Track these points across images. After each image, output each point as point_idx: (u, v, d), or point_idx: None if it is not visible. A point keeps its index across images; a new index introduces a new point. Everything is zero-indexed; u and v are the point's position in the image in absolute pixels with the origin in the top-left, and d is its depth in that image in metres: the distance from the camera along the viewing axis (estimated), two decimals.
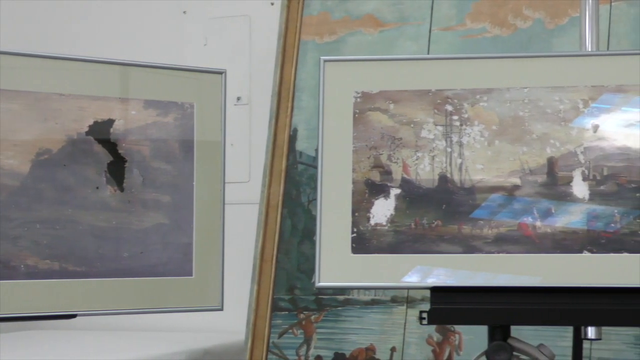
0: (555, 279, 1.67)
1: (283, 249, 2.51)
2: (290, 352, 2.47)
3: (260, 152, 2.62)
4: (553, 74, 1.72)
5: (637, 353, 2.22)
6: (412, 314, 2.38)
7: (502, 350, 1.68)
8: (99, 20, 3.03)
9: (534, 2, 2.43)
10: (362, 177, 1.74)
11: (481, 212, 1.70)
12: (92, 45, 2.96)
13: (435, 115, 1.74)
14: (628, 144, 1.69)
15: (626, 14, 2.35)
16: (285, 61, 2.58)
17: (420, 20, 2.52)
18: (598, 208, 1.68)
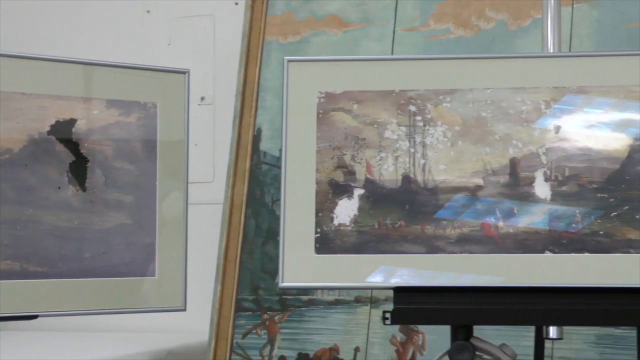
0: (518, 279, 1.68)
1: (247, 249, 2.51)
2: (254, 352, 2.46)
3: (224, 152, 2.61)
4: (515, 75, 1.73)
5: (597, 352, 2.24)
6: (375, 314, 2.38)
7: (465, 350, 1.69)
8: (61, 19, 3.01)
9: (497, 3, 2.44)
10: (326, 178, 1.74)
11: (445, 213, 1.71)
12: (55, 44, 2.94)
13: (399, 115, 1.75)
14: (589, 144, 1.70)
15: (588, 16, 2.37)
16: (250, 61, 2.58)
17: (384, 21, 2.53)
18: (560, 208, 1.69)
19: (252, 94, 2.56)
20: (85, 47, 2.94)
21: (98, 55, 1.98)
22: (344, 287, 2.15)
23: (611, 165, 1.69)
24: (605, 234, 1.67)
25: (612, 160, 1.69)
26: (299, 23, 2.59)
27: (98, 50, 2.90)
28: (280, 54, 2.54)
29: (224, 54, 2.81)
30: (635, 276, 1.65)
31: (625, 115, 1.70)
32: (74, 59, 1.79)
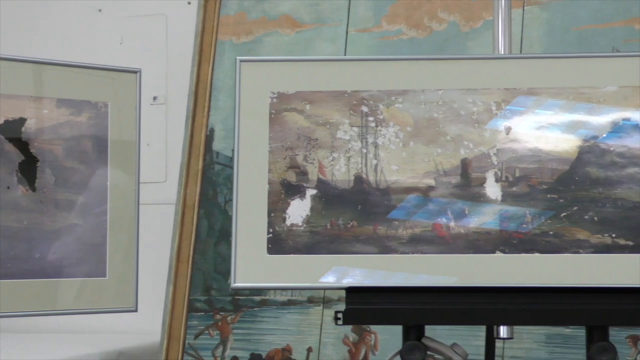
0: (471, 279, 1.69)
1: (199, 249, 2.50)
2: (207, 353, 2.46)
3: (176, 152, 2.60)
4: (467, 77, 1.74)
5: (548, 351, 2.26)
6: (328, 314, 2.39)
7: (416, 349, 1.69)
8: (12, 17, 2.98)
9: (449, 5, 2.45)
10: (278, 178, 1.74)
11: (397, 213, 1.72)
12: (5, 42, 2.91)
13: (351, 116, 1.75)
14: (540, 145, 1.72)
15: (538, 18, 2.39)
16: (202, 61, 2.57)
17: (337, 22, 2.53)
18: (510, 209, 1.71)
19: (204, 94, 2.55)
20: (35, 46, 2.91)
21: (48, 54, 1.97)
22: (296, 287, 2.15)
23: (561, 166, 1.71)
24: (554, 234, 1.69)
25: (561, 161, 1.71)
26: (251, 23, 2.58)
27: (48, 49, 2.87)
28: (233, 53, 2.54)
29: (177, 54, 2.79)
30: (584, 276, 1.67)
31: (575, 117, 1.72)
32: (24, 58, 1.78)
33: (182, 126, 2.57)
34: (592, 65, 1.73)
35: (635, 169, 1.69)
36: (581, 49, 2.31)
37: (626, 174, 1.69)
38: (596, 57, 1.75)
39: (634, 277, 1.66)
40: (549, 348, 2.26)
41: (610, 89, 1.72)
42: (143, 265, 1.93)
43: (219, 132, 2.55)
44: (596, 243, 1.68)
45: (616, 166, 1.70)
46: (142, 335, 2.62)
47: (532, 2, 2.40)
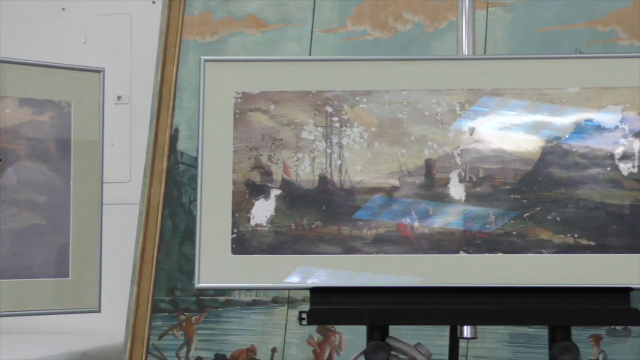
0: (435, 279, 1.69)
1: (164, 249, 2.49)
2: (171, 353, 2.45)
3: (141, 151, 2.59)
4: (431, 77, 1.75)
5: (511, 351, 2.27)
6: (293, 314, 2.39)
7: (380, 349, 1.70)
8: None
9: (413, 5, 2.46)
10: (243, 178, 1.74)
11: (363, 213, 1.72)
12: None
13: (316, 116, 1.75)
14: (503, 146, 1.73)
15: (502, 19, 2.40)
16: (167, 60, 2.56)
17: (303, 22, 2.53)
18: (474, 209, 1.71)
19: (169, 94, 2.54)
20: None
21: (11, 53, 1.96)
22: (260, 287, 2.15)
23: (524, 166, 1.72)
24: (518, 235, 1.70)
25: (525, 161, 1.72)
26: (217, 23, 2.58)
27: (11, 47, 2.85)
28: (198, 53, 2.53)
29: (141, 53, 2.78)
30: (547, 276, 1.68)
31: (538, 118, 1.73)
32: None
33: (147, 126, 2.56)
34: (555, 66, 1.74)
35: (598, 169, 1.70)
36: (544, 50, 2.33)
37: (588, 174, 1.70)
38: (559, 59, 1.77)
39: (595, 277, 1.67)
40: (512, 348, 2.27)
41: (572, 90, 1.73)
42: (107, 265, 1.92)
43: (184, 132, 2.54)
44: (559, 243, 1.69)
45: (578, 167, 1.71)
46: (106, 336, 2.61)
47: (496, 4, 2.41)
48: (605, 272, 1.67)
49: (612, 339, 2.23)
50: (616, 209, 1.69)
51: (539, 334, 2.23)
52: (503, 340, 2.27)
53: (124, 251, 2.53)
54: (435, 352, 1.86)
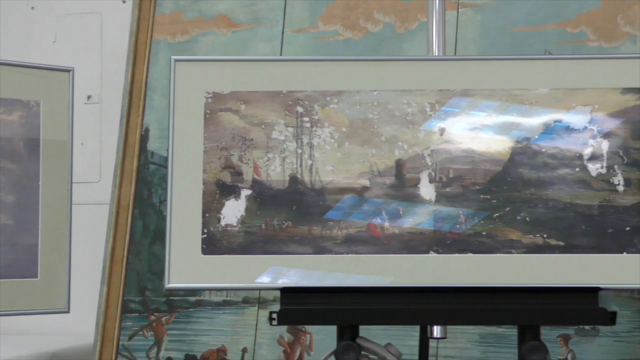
0: (406, 279, 1.70)
1: (134, 250, 2.48)
2: (141, 354, 2.44)
3: (111, 151, 2.58)
4: (401, 78, 1.75)
5: (481, 351, 2.28)
6: (263, 314, 2.38)
7: (350, 349, 1.70)
8: None
9: (384, 6, 2.46)
10: (213, 178, 1.74)
11: (334, 214, 1.72)
12: None
13: (286, 116, 1.75)
14: (473, 147, 1.73)
15: (472, 20, 2.41)
16: (137, 60, 2.55)
17: (274, 22, 2.53)
18: (444, 209, 1.72)
19: (139, 93, 2.53)
20: None
21: None
22: (231, 287, 2.15)
23: (494, 167, 1.73)
24: (487, 235, 1.70)
25: (494, 162, 1.73)
26: (187, 22, 2.57)
27: None
28: (169, 53, 2.52)
29: (111, 53, 2.77)
30: (516, 276, 1.69)
31: (508, 118, 1.74)
32: None
33: (117, 126, 2.55)
34: (525, 67, 1.75)
35: (567, 170, 1.71)
36: (514, 51, 2.34)
37: (557, 175, 1.71)
38: (528, 60, 1.77)
39: (564, 277, 1.68)
40: (482, 347, 2.28)
41: (542, 91, 1.74)
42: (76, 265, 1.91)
43: (154, 131, 2.53)
44: (528, 243, 1.70)
45: (548, 167, 1.72)
46: (75, 337, 2.60)
47: (466, 5, 2.42)
48: (573, 272, 1.68)
49: (581, 339, 2.24)
50: (585, 210, 1.70)
51: (509, 333, 2.24)
52: (473, 340, 2.28)
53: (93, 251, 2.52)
54: (406, 352, 1.86)
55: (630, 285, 1.76)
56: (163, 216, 2.47)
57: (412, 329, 2.15)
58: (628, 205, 1.70)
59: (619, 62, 1.76)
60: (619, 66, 1.74)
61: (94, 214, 2.61)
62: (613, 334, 2.22)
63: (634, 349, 2.22)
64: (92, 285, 2.48)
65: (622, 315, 2.19)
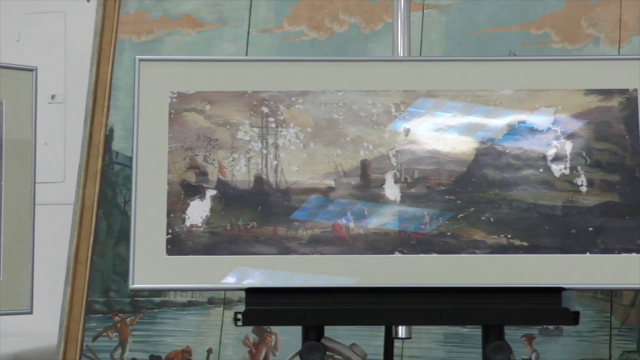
0: (369, 280, 1.70)
1: (98, 250, 2.47)
2: (105, 355, 2.43)
3: (75, 151, 2.57)
4: (366, 78, 1.75)
5: (445, 351, 2.28)
6: (228, 315, 2.38)
7: (315, 350, 1.70)
8: None
9: (350, 7, 2.47)
10: (178, 178, 1.73)
11: (300, 214, 1.72)
12: None
13: (252, 116, 1.75)
14: (438, 147, 1.74)
15: (438, 22, 2.42)
16: (102, 60, 2.54)
17: (239, 22, 2.53)
18: (409, 210, 1.72)
19: (104, 93, 2.53)
20: None
21: None
22: (195, 288, 2.14)
23: (458, 167, 1.73)
24: (452, 235, 1.71)
25: (459, 163, 1.73)
26: (152, 22, 2.56)
27: None
28: (133, 52, 2.51)
29: (76, 52, 2.76)
30: (481, 276, 1.69)
31: (473, 119, 1.75)
32: None
33: (81, 125, 2.54)
34: (489, 68, 1.76)
35: (530, 170, 1.72)
36: (479, 52, 2.35)
37: (521, 175, 1.72)
38: (493, 61, 1.78)
39: (528, 277, 1.69)
40: (447, 347, 2.28)
41: (506, 92, 1.75)
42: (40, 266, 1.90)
43: (119, 131, 2.52)
44: (492, 244, 1.70)
45: (512, 168, 1.73)
46: (38, 338, 2.58)
47: (431, 6, 2.43)
48: (537, 272, 1.69)
49: (545, 338, 2.25)
50: (548, 210, 1.71)
51: (473, 333, 2.25)
52: (438, 340, 2.29)
53: (57, 252, 2.51)
54: (371, 353, 1.87)
55: (593, 285, 1.77)
56: (128, 216, 2.46)
57: (377, 329, 2.16)
58: (591, 205, 1.71)
59: (582, 64, 1.77)
60: (582, 68, 1.76)
61: (58, 214, 2.59)
62: (576, 334, 2.24)
63: (596, 349, 2.24)
64: (56, 286, 2.47)
65: (585, 315, 2.21)
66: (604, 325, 2.24)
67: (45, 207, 2.05)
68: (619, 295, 2.24)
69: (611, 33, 2.34)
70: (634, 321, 2.24)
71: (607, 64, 1.77)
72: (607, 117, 1.74)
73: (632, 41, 2.33)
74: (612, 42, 2.34)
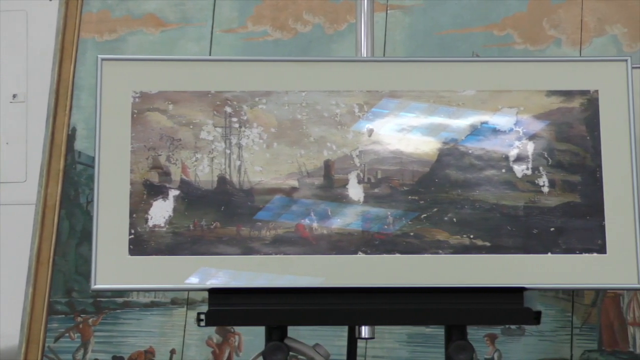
0: (332, 280, 1.70)
1: (60, 250, 2.46)
2: (67, 356, 2.42)
3: (37, 151, 2.56)
4: (330, 79, 1.75)
5: (409, 351, 2.29)
6: (192, 315, 2.38)
7: (278, 350, 1.70)
8: None
9: (314, 7, 2.47)
10: (141, 178, 1.73)
11: (264, 214, 1.72)
12: None
13: (215, 116, 1.74)
14: (401, 148, 1.74)
15: (401, 22, 2.43)
16: (64, 59, 2.53)
17: (203, 22, 2.52)
18: (372, 210, 1.73)
19: (66, 93, 2.51)
20: None
21: None
22: (158, 289, 2.14)
23: (421, 168, 1.74)
24: (415, 235, 1.71)
25: (422, 163, 1.74)
26: (115, 21, 2.55)
27: None
28: (96, 52, 2.50)
29: (38, 51, 2.74)
30: (443, 276, 1.70)
31: (436, 120, 1.75)
32: None
33: (43, 125, 2.53)
34: (452, 69, 1.77)
35: (493, 171, 1.73)
36: (442, 53, 2.36)
37: (484, 176, 1.73)
38: (455, 62, 1.79)
39: (490, 277, 1.70)
40: (410, 347, 2.29)
41: (469, 92, 1.75)
42: (1, 267, 1.89)
43: (81, 131, 2.51)
44: (455, 244, 1.71)
45: (474, 168, 1.74)
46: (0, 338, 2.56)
47: (395, 7, 2.43)
48: (499, 272, 1.70)
49: (507, 338, 2.27)
50: (510, 210, 1.72)
51: (437, 333, 2.26)
52: (401, 340, 2.30)
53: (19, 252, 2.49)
54: (334, 353, 1.87)
55: (555, 285, 1.79)
56: (90, 217, 2.45)
57: (341, 329, 2.16)
58: (552, 206, 1.72)
59: (544, 65, 1.78)
60: (544, 69, 1.77)
61: (20, 214, 2.57)
62: (538, 333, 2.25)
63: (558, 348, 2.25)
64: (18, 287, 2.46)
65: (547, 314, 2.22)
66: (565, 325, 2.26)
67: (6, 207, 2.04)
68: (580, 295, 2.25)
69: (573, 35, 2.36)
70: (595, 321, 2.26)
71: (569, 65, 1.78)
72: (569, 118, 1.75)
73: (593, 43, 2.35)
74: (574, 44, 2.35)
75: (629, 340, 2.24)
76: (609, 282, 1.72)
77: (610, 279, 1.71)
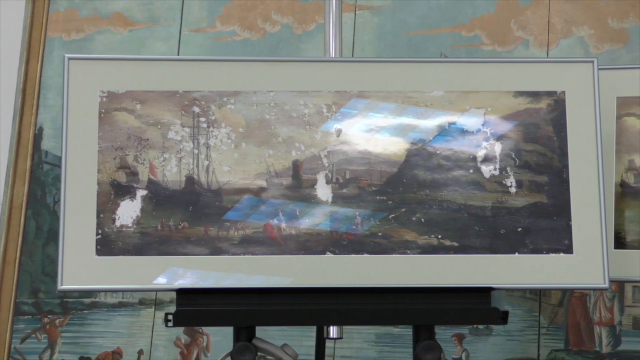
0: (301, 280, 1.70)
1: (27, 251, 2.45)
2: (34, 357, 2.40)
3: (3, 150, 2.54)
4: (298, 79, 1.75)
5: (377, 351, 2.30)
6: (160, 316, 2.37)
7: (246, 350, 1.70)
8: None
9: (282, 7, 2.47)
10: (108, 178, 1.72)
11: (233, 214, 1.71)
12: None
13: (183, 116, 1.74)
14: (369, 148, 1.75)
15: (370, 23, 2.43)
16: (31, 57, 2.52)
17: (171, 21, 2.51)
18: (341, 210, 1.73)
19: (33, 92, 2.50)
20: None
21: None
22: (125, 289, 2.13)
23: (390, 168, 1.74)
24: (383, 236, 1.72)
25: (390, 163, 1.74)
26: (82, 20, 2.54)
27: None
28: (63, 51, 2.49)
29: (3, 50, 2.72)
30: (411, 276, 1.70)
31: (404, 120, 1.75)
32: None
33: (10, 124, 2.51)
34: (420, 69, 1.77)
35: (461, 171, 1.74)
36: (410, 53, 2.37)
37: (452, 176, 1.74)
38: (423, 62, 1.80)
39: (458, 277, 1.71)
40: (378, 347, 2.30)
41: (437, 93, 1.76)
42: None
43: (48, 130, 2.50)
44: (423, 244, 1.72)
45: (442, 169, 1.74)
46: None
47: (363, 7, 2.44)
48: (467, 272, 1.71)
49: (475, 338, 2.28)
50: (478, 211, 1.73)
51: (405, 333, 2.27)
52: (369, 340, 2.30)
53: None
54: (302, 353, 1.87)
55: (522, 285, 1.80)
56: (57, 217, 2.43)
57: (309, 329, 2.16)
58: (519, 206, 1.73)
59: (512, 66, 1.79)
60: (511, 70, 1.78)
61: None
62: (505, 333, 2.27)
63: (525, 347, 2.27)
64: None
65: (514, 314, 2.24)
66: (532, 325, 2.27)
67: None
68: (547, 295, 2.27)
69: (540, 36, 2.37)
70: (562, 320, 2.27)
71: (536, 66, 1.79)
72: (536, 118, 1.76)
73: (560, 44, 2.36)
74: (541, 45, 2.37)
75: (595, 340, 2.26)
76: (576, 282, 1.73)
77: (576, 279, 1.72)
